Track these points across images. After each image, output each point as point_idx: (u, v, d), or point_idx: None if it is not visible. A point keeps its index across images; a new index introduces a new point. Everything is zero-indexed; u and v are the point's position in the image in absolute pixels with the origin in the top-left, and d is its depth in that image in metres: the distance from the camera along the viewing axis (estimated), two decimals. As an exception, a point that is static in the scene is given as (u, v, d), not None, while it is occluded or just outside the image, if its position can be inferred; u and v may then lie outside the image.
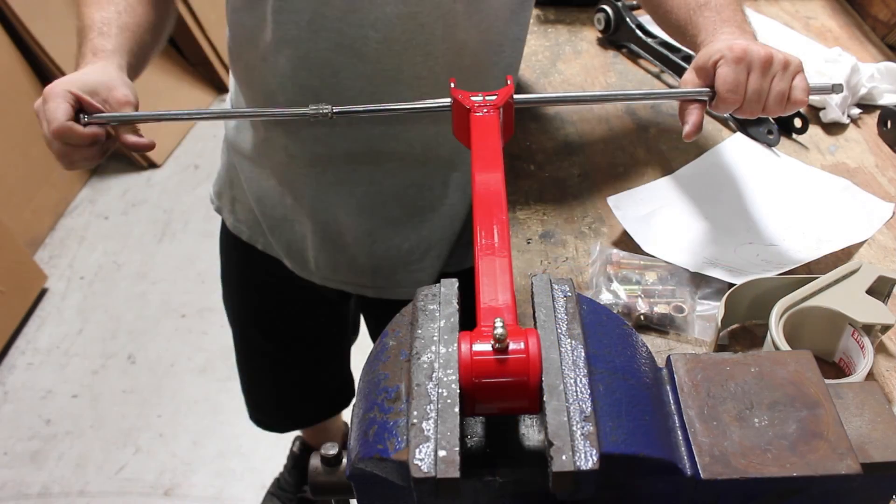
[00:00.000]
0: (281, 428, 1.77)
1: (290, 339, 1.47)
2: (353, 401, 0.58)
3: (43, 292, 2.59)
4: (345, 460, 0.59)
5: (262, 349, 1.51)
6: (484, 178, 0.76)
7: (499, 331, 0.51)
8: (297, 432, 1.98)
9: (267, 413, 1.68)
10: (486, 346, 0.52)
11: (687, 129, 0.91)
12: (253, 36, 1.03)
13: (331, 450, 0.59)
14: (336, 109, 0.93)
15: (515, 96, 0.93)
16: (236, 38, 1.08)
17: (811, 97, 1.25)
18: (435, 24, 0.98)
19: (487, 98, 0.90)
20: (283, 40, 0.99)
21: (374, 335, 1.48)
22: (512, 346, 0.52)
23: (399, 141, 1.09)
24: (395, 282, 1.21)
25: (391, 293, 1.23)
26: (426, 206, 1.16)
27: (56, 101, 0.89)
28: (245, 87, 1.13)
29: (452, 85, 0.94)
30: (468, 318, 0.58)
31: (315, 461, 0.60)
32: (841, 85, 0.96)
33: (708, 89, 0.91)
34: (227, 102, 1.27)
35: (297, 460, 1.97)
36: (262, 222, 1.23)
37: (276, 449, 2.12)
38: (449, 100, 0.93)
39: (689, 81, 0.93)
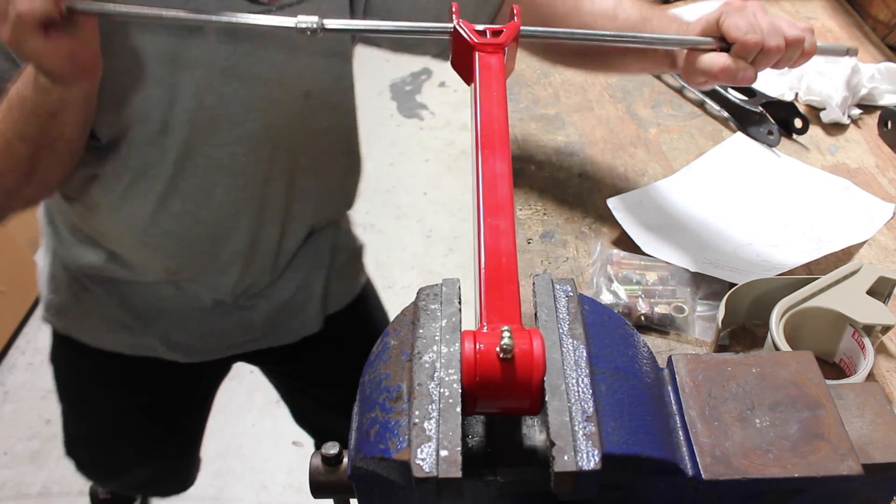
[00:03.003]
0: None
1: (150, 431, 1.38)
2: (356, 408, 0.58)
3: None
4: (345, 460, 0.59)
5: (120, 447, 1.41)
6: (489, 122, 0.71)
7: (506, 341, 0.50)
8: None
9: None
10: (488, 346, 0.52)
11: (748, 72, 0.86)
12: (107, 180, 0.96)
13: (331, 449, 0.59)
14: (327, 24, 0.79)
15: (522, 28, 0.84)
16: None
17: (812, 98, 1.26)
18: (293, 124, 0.99)
19: (493, 35, 0.81)
20: (147, 175, 0.95)
21: (272, 377, 1.47)
22: (522, 352, 0.51)
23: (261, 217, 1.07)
24: (283, 323, 1.21)
25: (281, 339, 1.22)
26: (302, 254, 1.17)
27: None
28: (84, 221, 1.05)
29: (454, 9, 0.84)
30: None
31: (315, 461, 0.60)
32: (856, 48, 0.95)
33: (719, 40, 0.88)
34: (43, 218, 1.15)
35: (116, 499, 1.88)
36: (131, 323, 1.15)
37: (276, 449, 2.12)
38: (450, 25, 0.83)
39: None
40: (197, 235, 1.03)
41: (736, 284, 0.90)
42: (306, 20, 0.79)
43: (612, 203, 1.06)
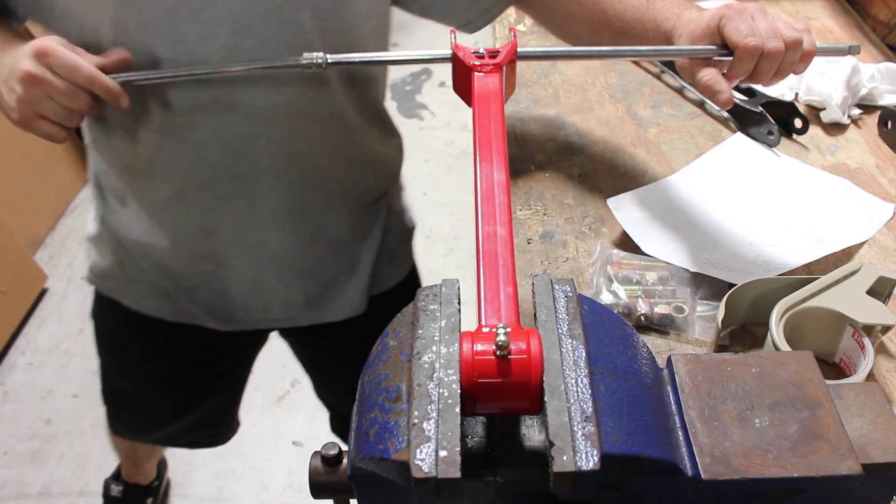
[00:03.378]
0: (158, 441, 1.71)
1: (190, 394, 1.41)
2: (355, 408, 0.58)
3: (43, 292, 2.59)
4: (345, 460, 0.59)
5: (157, 408, 1.43)
6: (486, 147, 0.73)
7: (501, 338, 0.50)
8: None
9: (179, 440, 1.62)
10: (487, 347, 0.52)
11: (723, 96, 0.88)
12: (146, 122, 0.97)
13: (331, 450, 0.59)
14: (330, 59, 0.88)
15: (519, 49, 0.90)
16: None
17: (812, 98, 1.26)
18: (333, 74, 0.98)
19: (490, 56, 0.86)
20: (189, 125, 0.95)
21: (304, 360, 1.47)
22: (513, 347, 0.52)
23: (320, 191, 1.08)
24: (324, 305, 1.20)
25: (323, 317, 1.22)
26: (345, 234, 1.16)
27: (65, 52, 0.83)
28: (127, 171, 1.06)
29: (453, 37, 0.91)
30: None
31: (315, 461, 0.60)
32: (858, 46, 0.95)
33: (720, 47, 0.89)
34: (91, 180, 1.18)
35: (126, 500, 1.90)
36: (173, 292, 1.17)
37: (276, 449, 2.12)
38: (449, 51, 0.89)
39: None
40: (234, 191, 1.02)
41: (736, 284, 0.90)
42: (311, 56, 0.88)
43: (612, 203, 1.06)
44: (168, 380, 1.35)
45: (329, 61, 0.88)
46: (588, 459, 0.48)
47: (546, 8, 1.07)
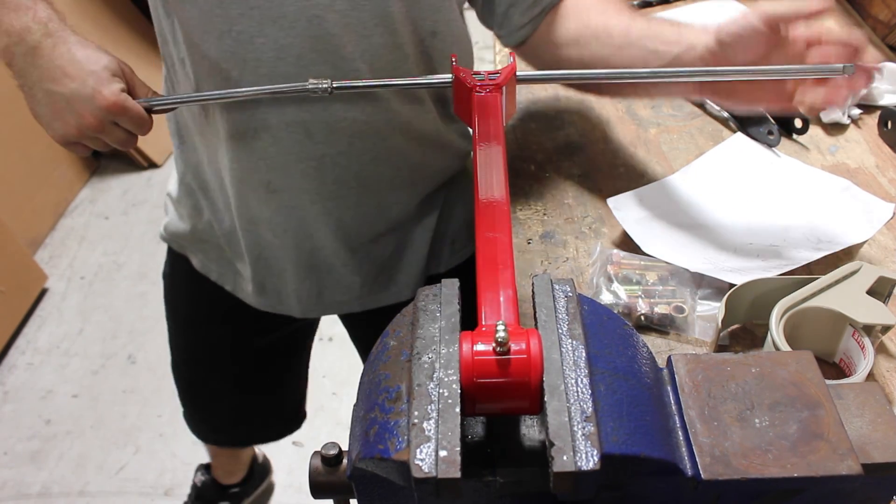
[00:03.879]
0: (227, 443, 1.76)
1: (251, 366, 1.43)
2: (355, 408, 0.58)
3: (43, 292, 2.59)
4: (345, 460, 0.59)
5: (222, 375, 1.45)
6: (486, 163, 0.74)
7: (500, 334, 0.50)
8: (203, 461, 1.96)
9: (227, 430, 1.64)
10: (487, 347, 0.52)
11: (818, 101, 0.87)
12: (226, 76, 0.97)
13: (331, 450, 0.59)
14: (335, 84, 0.90)
15: (518, 73, 0.92)
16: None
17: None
18: (416, 55, 0.98)
19: (490, 77, 0.89)
20: (270, 78, 0.94)
21: (358, 343, 1.48)
22: (513, 347, 0.52)
23: (390, 166, 1.08)
24: (380, 289, 1.20)
25: (377, 302, 1.21)
26: (405, 213, 1.15)
27: (139, 111, 0.91)
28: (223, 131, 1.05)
29: (454, 60, 0.93)
30: (468, 317, 0.58)
31: (315, 461, 0.60)
32: (852, 66, 0.94)
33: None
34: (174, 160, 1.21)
35: (200, 492, 1.93)
36: (234, 261, 1.19)
37: (276, 449, 2.11)
38: (450, 76, 0.92)
39: None
40: (303, 151, 1.01)
41: (736, 284, 0.90)
42: (317, 82, 0.89)
43: (612, 203, 1.06)
44: (222, 348, 1.38)
45: (334, 86, 0.90)
46: (588, 459, 0.48)
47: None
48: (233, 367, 1.41)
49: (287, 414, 1.62)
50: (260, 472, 2.02)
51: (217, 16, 0.90)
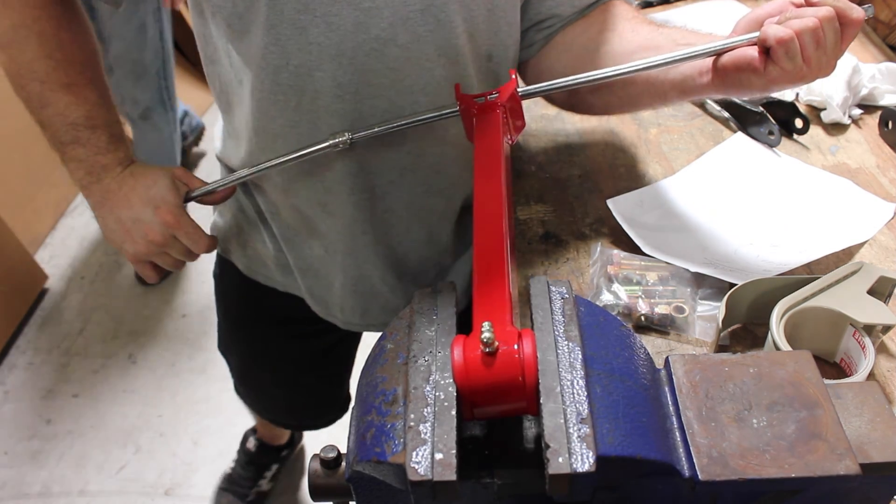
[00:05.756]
0: (278, 424, 1.86)
1: (310, 361, 1.46)
2: (353, 411, 0.58)
3: (43, 292, 2.59)
4: (344, 463, 0.59)
5: (267, 370, 1.49)
6: (484, 177, 0.76)
7: (486, 335, 0.50)
8: (250, 426, 2.03)
9: (278, 415, 1.71)
10: (480, 350, 0.52)
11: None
12: (284, 106, 0.96)
13: (330, 452, 0.59)
14: (353, 136, 0.91)
15: (520, 89, 0.92)
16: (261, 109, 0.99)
17: (812, 98, 1.26)
18: (475, 82, 0.97)
19: (489, 97, 0.90)
20: (328, 111, 0.94)
21: None
22: (505, 348, 0.51)
23: (441, 197, 1.07)
24: None
25: None
26: (454, 242, 1.15)
27: (192, 225, 1.04)
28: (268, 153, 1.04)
29: (457, 90, 0.93)
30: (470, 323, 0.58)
31: (314, 464, 0.60)
32: (871, 7, 0.89)
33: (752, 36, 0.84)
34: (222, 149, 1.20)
35: (252, 456, 1.99)
36: (283, 265, 1.20)
37: (276, 449, 2.12)
38: (456, 107, 0.92)
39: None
40: (360, 184, 1.01)
41: (736, 284, 0.90)
42: (336, 138, 0.92)
43: (612, 203, 1.06)
44: (269, 347, 1.41)
45: (353, 138, 0.92)
46: (583, 461, 0.48)
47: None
48: (284, 366, 1.45)
49: (335, 405, 1.66)
50: (297, 436, 2.09)
51: (272, 52, 0.90)
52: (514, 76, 0.93)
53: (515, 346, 0.52)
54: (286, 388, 1.53)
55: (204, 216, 1.20)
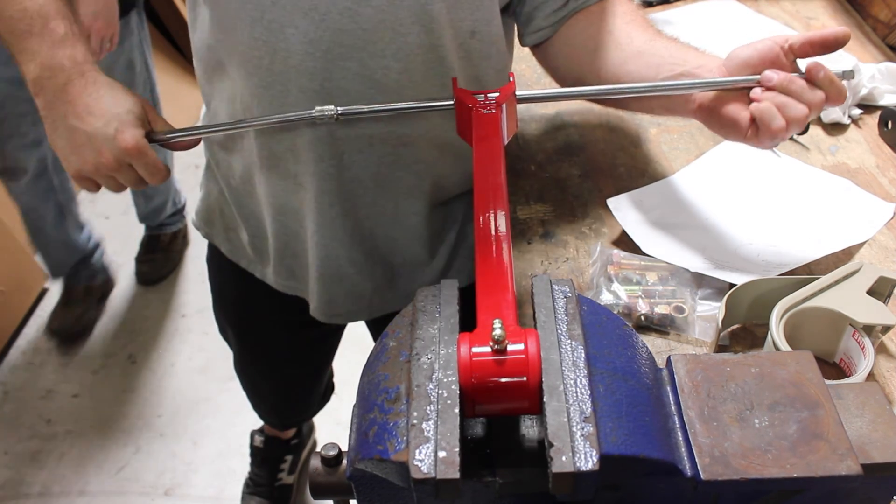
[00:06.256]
0: (279, 426, 1.88)
1: (297, 351, 1.49)
2: (355, 409, 0.58)
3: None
4: (345, 461, 0.59)
5: (256, 360, 1.54)
6: (485, 175, 0.76)
7: (497, 332, 0.51)
8: (251, 426, 2.04)
9: (265, 412, 1.76)
10: (485, 348, 0.52)
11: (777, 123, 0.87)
12: (258, 64, 0.97)
13: (331, 451, 0.59)
14: (341, 110, 0.91)
15: (518, 92, 0.93)
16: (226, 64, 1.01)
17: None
18: (452, 56, 0.97)
19: (489, 96, 0.90)
20: (298, 70, 0.94)
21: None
22: (511, 347, 0.52)
23: (408, 172, 1.07)
24: (393, 297, 1.20)
25: (387, 307, 1.21)
26: (423, 224, 1.14)
27: (154, 159, 0.95)
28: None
29: (453, 83, 0.94)
30: (470, 320, 0.58)
31: (315, 462, 0.60)
32: (851, 71, 0.94)
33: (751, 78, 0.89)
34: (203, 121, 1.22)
35: (262, 452, 2.01)
36: (262, 249, 1.21)
37: (276, 449, 2.12)
38: (452, 100, 0.93)
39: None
40: (329, 151, 1.01)
41: (736, 284, 0.90)
42: (322, 109, 0.91)
43: (612, 203, 1.06)
44: (251, 331, 1.45)
45: (340, 112, 0.92)
46: (587, 460, 0.48)
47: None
48: (270, 355, 1.49)
49: (314, 400, 1.71)
50: (308, 425, 2.10)
51: (249, 4, 0.91)
52: (512, 78, 0.94)
53: (521, 346, 0.52)
54: (272, 378, 1.56)
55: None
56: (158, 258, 2.62)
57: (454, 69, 0.97)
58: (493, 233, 0.68)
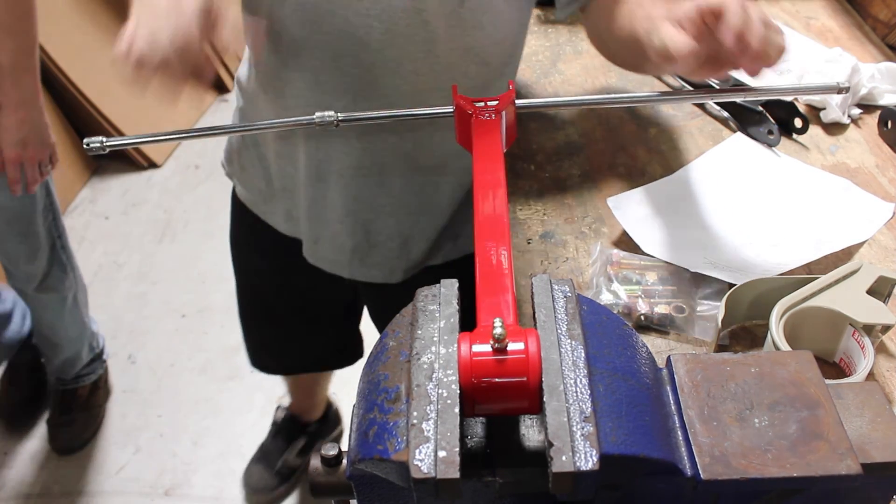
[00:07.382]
0: (278, 370, 1.82)
1: (293, 299, 1.50)
2: (355, 408, 0.58)
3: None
4: (345, 461, 0.59)
5: (264, 303, 1.55)
6: (485, 181, 0.76)
7: (498, 331, 0.51)
8: (282, 402, 2.07)
9: (264, 357, 1.72)
10: (485, 347, 0.52)
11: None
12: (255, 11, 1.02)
13: (331, 450, 0.59)
14: (341, 116, 0.93)
15: (517, 101, 0.93)
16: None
17: (812, 98, 1.26)
18: (438, 22, 0.98)
19: (489, 103, 0.91)
20: (292, 20, 0.98)
21: (372, 314, 1.51)
22: (512, 347, 0.52)
23: (406, 153, 1.10)
24: (371, 265, 1.23)
25: (364, 276, 1.24)
26: (414, 205, 1.18)
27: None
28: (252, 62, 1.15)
29: (454, 91, 0.94)
30: (467, 318, 0.58)
31: (315, 461, 0.60)
32: (848, 87, 0.93)
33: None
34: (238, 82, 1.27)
35: (281, 427, 2.03)
36: (266, 189, 1.26)
37: (276, 449, 2.12)
38: (451, 107, 0.93)
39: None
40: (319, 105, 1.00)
41: (736, 284, 0.90)
42: (322, 115, 0.92)
43: (612, 203, 1.06)
44: (261, 276, 1.48)
45: (340, 118, 0.93)
46: (587, 460, 0.48)
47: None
48: (291, 302, 1.51)
49: (346, 348, 1.69)
50: (333, 418, 2.12)
51: None
52: (512, 87, 0.95)
53: (521, 346, 0.52)
54: (268, 321, 1.58)
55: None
56: (78, 419, 2.16)
57: (440, 35, 0.99)
58: (493, 234, 0.68)
